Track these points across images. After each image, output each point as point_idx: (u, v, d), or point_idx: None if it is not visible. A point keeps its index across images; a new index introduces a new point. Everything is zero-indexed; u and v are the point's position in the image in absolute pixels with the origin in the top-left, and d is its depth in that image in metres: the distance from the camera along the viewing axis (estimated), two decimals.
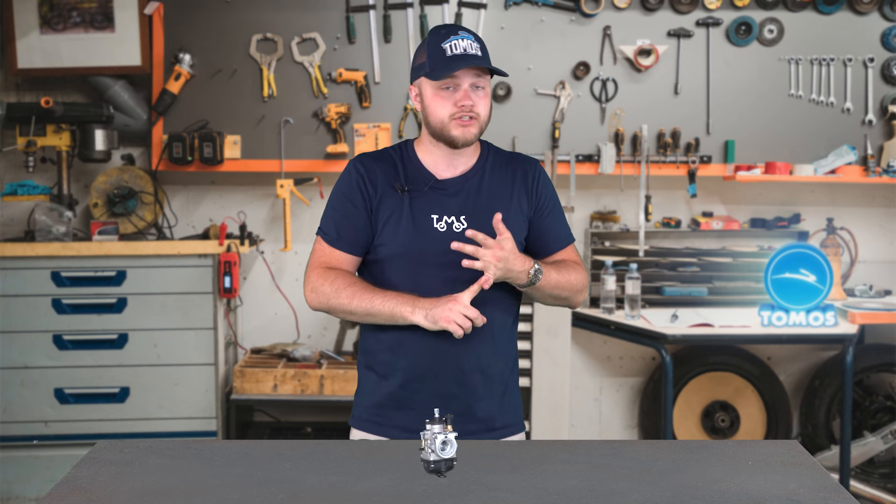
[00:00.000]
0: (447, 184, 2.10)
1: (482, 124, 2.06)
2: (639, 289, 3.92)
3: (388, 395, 2.10)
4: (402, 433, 2.06)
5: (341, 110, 4.07)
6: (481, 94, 2.05)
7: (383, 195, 2.08)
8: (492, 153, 2.17)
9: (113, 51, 4.03)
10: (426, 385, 2.06)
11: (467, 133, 2.04)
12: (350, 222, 2.11)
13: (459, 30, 2.05)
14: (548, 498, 1.56)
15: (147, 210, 4.07)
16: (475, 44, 2.04)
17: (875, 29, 4.18)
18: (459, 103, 2.02)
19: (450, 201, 2.08)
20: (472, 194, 2.09)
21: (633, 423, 4.50)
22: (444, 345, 2.03)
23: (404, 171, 2.10)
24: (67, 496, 1.57)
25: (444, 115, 2.03)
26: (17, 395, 3.81)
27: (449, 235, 2.05)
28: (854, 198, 4.40)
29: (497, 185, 2.11)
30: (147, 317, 3.83)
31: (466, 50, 2.01)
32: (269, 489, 1.60)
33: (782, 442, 1.92)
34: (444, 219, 2.07)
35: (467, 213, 2.07)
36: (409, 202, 2.07)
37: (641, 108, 4.17)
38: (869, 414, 4.19)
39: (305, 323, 4.29)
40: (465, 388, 2.07)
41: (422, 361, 2.05)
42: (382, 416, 2.11)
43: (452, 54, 2.00)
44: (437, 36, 2.04)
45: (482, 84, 2.05)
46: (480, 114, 2.05)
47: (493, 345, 2.10)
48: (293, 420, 4.30)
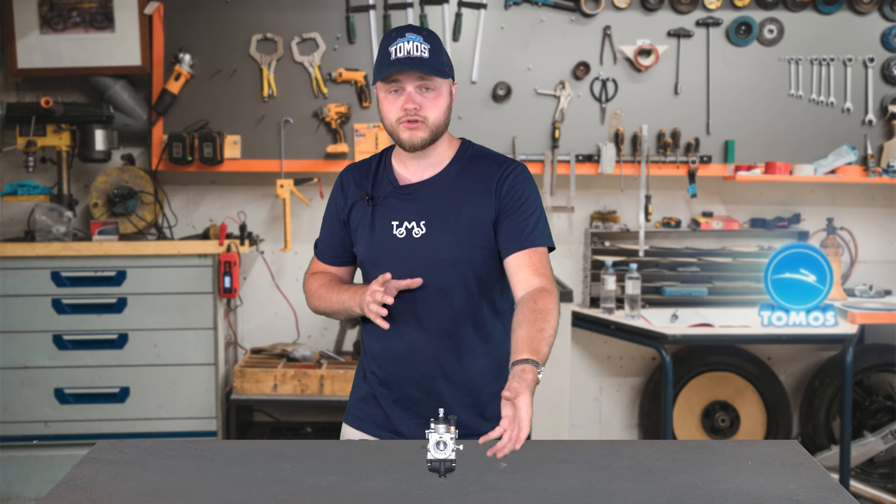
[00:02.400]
0: (409, 189, 2.07)
1: (433, 127, 2.00)
2: (639, 289, 3.92)
3: (367, 392, 2.16)
4: (377, 430, 2.12)
5: (341, 110, 4.07)
6: (430, 95, 2.00)
7: (354, 204, 2.12)
8: (469, 154, 2.11)
9: (113, 51, 4.03)
10: (392, 388, 2.10)
11: (414, 136, 2.00)
12: (329, 234, 2.19)
13: (408, 31, 2.00)
14: (548, 498, 1.56)
15: (147, 210, 4.07)
16: (424, 45, 1.98)
17: (875, 29, 4.18)
18: (403, 106, 1.99)
19: (409, 207, 2.06)
20: (434, 198, 2.05)
21: (633, 423, 4.50)
22: (406, 352, 2.06)
23: (374, 179, 2.11)
24: (67, 496, 1.57)
25: (393, 118, 2.01)
26: (17, 395, 3.81)
27: (407, 241, 2.04)
28: (854, 198, 4.40)
29: (462, 187, 2.06)
30: (147, 317, 3.83)
31: (410, 52, 1.97)
32: (269, 489, 1.60)
33: (782, 442, 1.92)
34: (404, 224, 2.05)
35: (427, 219, 2.04)
36: (371, 210, 2.08)
37: (641, 108, 4.17)
38: (869, 414, 4.19)
39: (305, 323, 4.29)
40: (430, 395, 2.07)
41: (387, 366, 2.10)
42: (362, 411, 2.17)
43: (395, 58, 1.98)
44: (387, 39, 2.02)
45: (432, 86, 2.00)
46: (429, 116, 2.00)
47: (458, 354, 2.06)
48: (293, 420, 4.30)
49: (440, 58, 2.01)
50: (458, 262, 2.03)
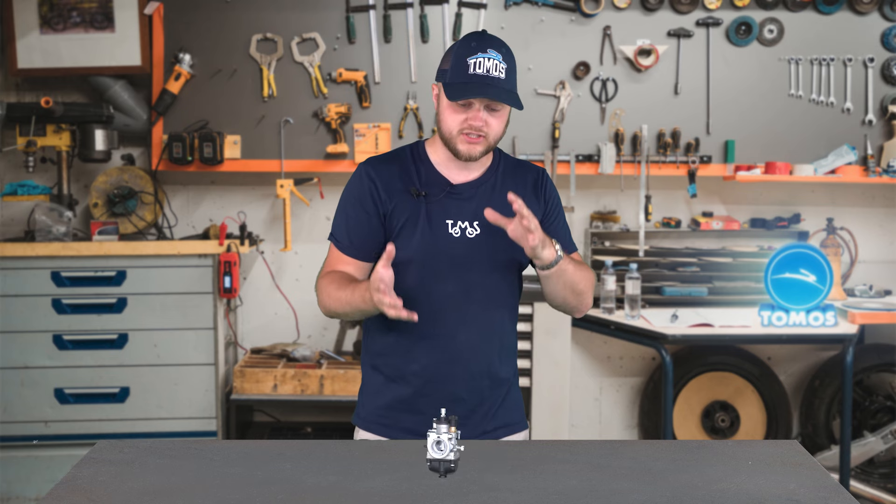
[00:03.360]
0: (461, 189, 2.08)
1: (491, 143, 2.03)
2: (639, 289, 3.92)
3: (397, 398, 2.10)
4: (409, 435, 2.06)
5: (341, 110, 4.06)
6: (496, 115, 2.01)
7: (398, 200, 2.06)
8: (503, 159, 2.16)
9: (113, 51, 4.03)
10: (437, 390, 2.05)
11: (472, 150, 2.02)
12: (362, 229, 2.08)
13: (489, 47, 1.99)
14: (548, 498, 1.56)
15: (147, 210, 4.07)
16: (502, 65, 1.98)
17: (875, 29, 4.18)
18: (470, 122, 1.99)
19: (464, 206, 2.07)
20: (486, 200, 2.07)
21: (633, 423, 4.50)
22: (454, 350, 2.04)
23: (418, 175, 2.08)
24: (67, 496, 1.57)
25: (454, 128, 2.01)
26: (17, 395, 3.81)
27: (462, 241, 2.05)
28: (854, 198, 4.40)
29: (509, 189, 2.06)
30: (147, 317, 3.83)
31: (489, 71, 1.96)
32: (269, 489, 1.60)
33: (782, 442, 1.92)
34: (459, 224, 2.06)
35: (480, 219, 2.05)
36: (425, 207, 2.05)
37: (641, 108, 4.17)
38: (869, 414, 4.19)
39: (305, 323, 4.30)
40: (473, 393, 2.08)
41: (433, 366, 2.05)
42: (390, 418, 2.11)
43: (473, 73, 1.96)
44: (466, 48, 1.99)
45: (499, 107, 2.01)
46: (490, 133, 2.01)
47: (500, 348, 2.11)
48: (293, 420, 4.30)
49: (514, 79, 2.02)
50: (509, 263, 2.09)
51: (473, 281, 2.04)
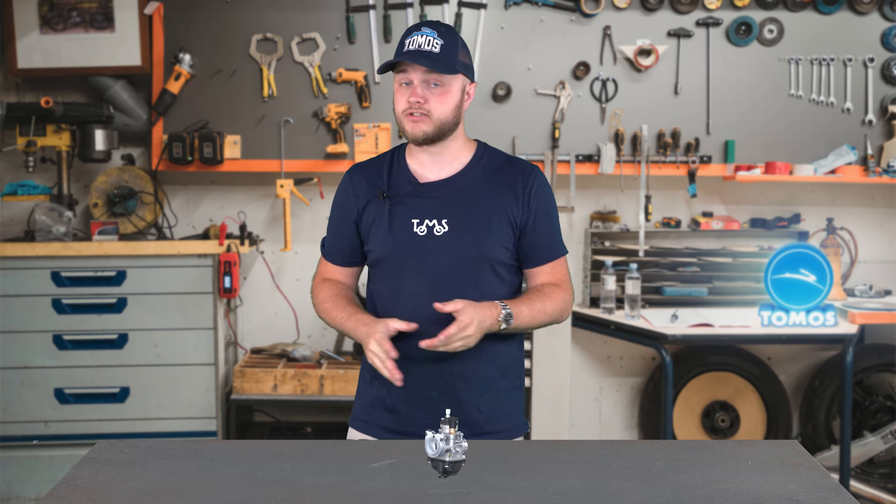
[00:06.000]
0: (430, 187, 2.09)
1: (437, 122, 2.03)
2: (639, 289, 3.92)
3: (377, 396, 2.13)
4: (386, 433, 2.10)
5: (341, 110, 4.07)
6: (437, 91, 2.02)
7: (368, 202, 2.10)
8: (487, 156, 2.13)
9: (113, 51, 4.03)
10: (409, 389, 2.05)
11: (416, 129, 2.03)
12: (339, 234, 2.17)
13: (425, 26, 2.03)
14: (548, 498, 1.56)
15: (147, 210, 4.07)
16: (437, 40, 2.00)
17: (875, 29, 4.18)
18: (408, 99, 2.02)
19: (430, 204, 2.06)
20: (456, 197, 2.07)
21: (633, 423, 4.50)
22: (425, 352, 2.00)
23: (389, 176, 2.11)
24: (67, 496, 1.57)
25: (399, 109, 2.05)
26: (17, 395, 3.81)
27: (428, 239, 2.05)
28: (854, 198, 4.40)
29: (486, 189, 2.08)
30: (147, 317, 3.83)
31: (421, 46, 1.99)
32: (269, 489, 1.60)
33: (782, 442, 1.92)
34: (425, 222, 2.05)
35: (449, 217, 2.05)
36: (388, 207, 2.07)
37: (641, 108, 4.17)
38: (869, 414, 4.19)
39: (305, 323, 4.29)
40: (447, 394, 2.07)
41: (404, 365, 2.02)
42: (371, 415, 2.15)
43: (406, 50, 2.01)
44: (406, 32, 2.06)
45: (440, 81, 2.02)
46: (433, 111, 2.02)
47: (476, 352, 2.04)
48: (293, 420, 4.30)
49: (451, 54, 2.02)
50: (480, 260, 2.06)
51: (443, 279, 2.03)
